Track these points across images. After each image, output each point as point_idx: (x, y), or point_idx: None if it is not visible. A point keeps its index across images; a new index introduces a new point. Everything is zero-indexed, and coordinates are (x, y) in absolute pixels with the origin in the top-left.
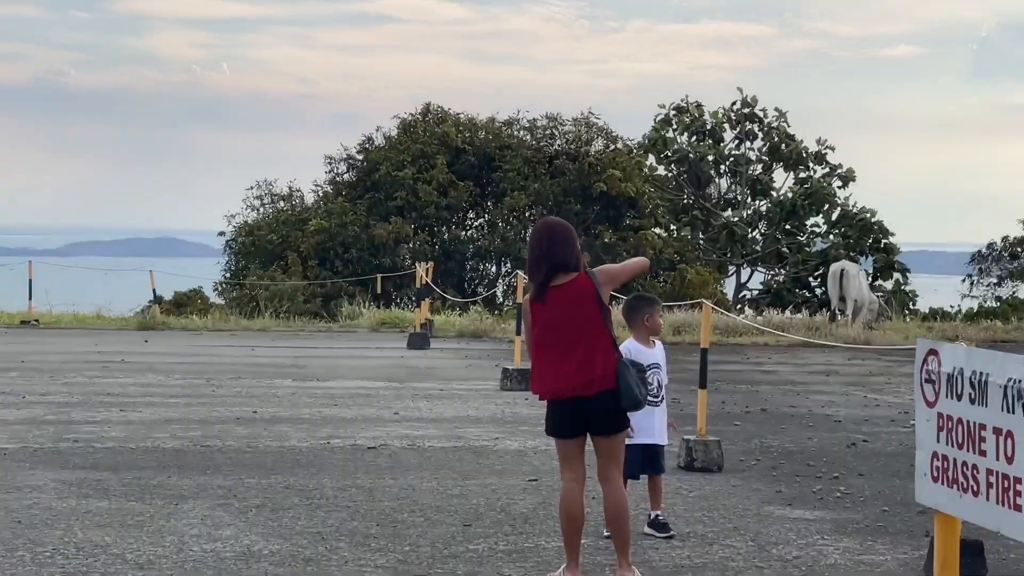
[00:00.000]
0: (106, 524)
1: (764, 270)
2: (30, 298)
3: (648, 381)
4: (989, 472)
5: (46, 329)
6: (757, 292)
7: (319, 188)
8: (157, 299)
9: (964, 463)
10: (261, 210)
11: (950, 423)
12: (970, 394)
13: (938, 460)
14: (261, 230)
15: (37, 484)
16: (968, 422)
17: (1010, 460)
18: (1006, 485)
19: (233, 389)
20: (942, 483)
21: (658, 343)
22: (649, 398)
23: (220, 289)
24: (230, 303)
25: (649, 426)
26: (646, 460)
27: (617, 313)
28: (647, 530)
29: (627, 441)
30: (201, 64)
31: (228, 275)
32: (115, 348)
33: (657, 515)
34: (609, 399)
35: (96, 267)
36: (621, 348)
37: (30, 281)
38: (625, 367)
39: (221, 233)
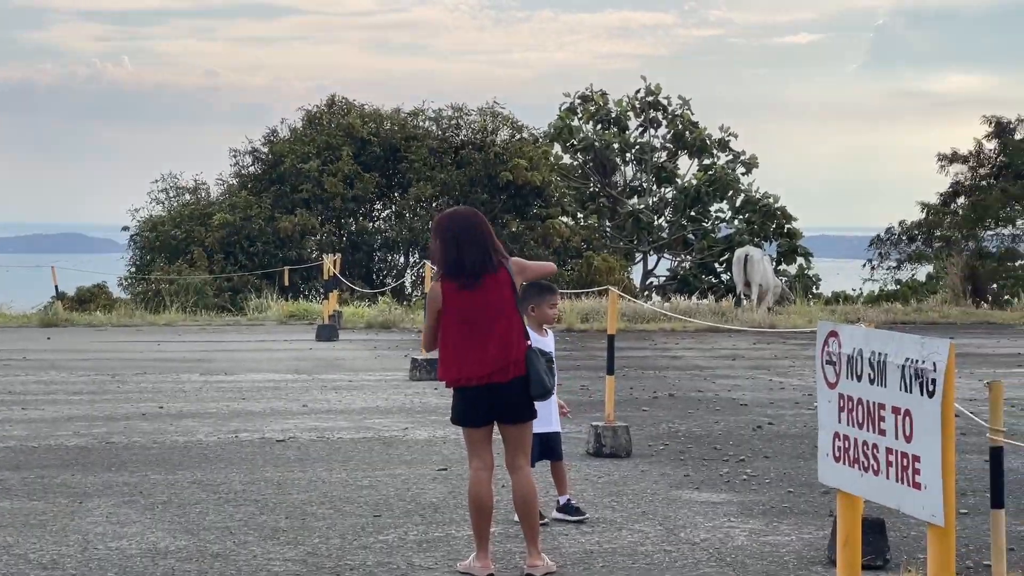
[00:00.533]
0: (8, 524)
1: (670, 257)
2: None
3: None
4: (888, 451)
5: None
6: (664, 279)
7: (224, 181)
8: (60, 295)
9: (864, 443)
10: (166, 204)
11: (851, 403)
12: (869, 374)
13: (839, 440)
14: (165, 224)
15: None
16: (868, 402)
17: (908, 439)
18: (905, 464)
19: (139, 385)
20: (844, 463)
21: (549, 332)
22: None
23: (125, 284)
24: (135, 298)
25: (546, 415)
26: (544, 448)
27: None
28: (557, 515)
29: None
30: (102, 58)
31: (133, 270)
32: (16, 346)
33: (568, 499)
34: (522, 386)
35: None
36: None
37: None
38: (535, 355)
39: (125, 228)
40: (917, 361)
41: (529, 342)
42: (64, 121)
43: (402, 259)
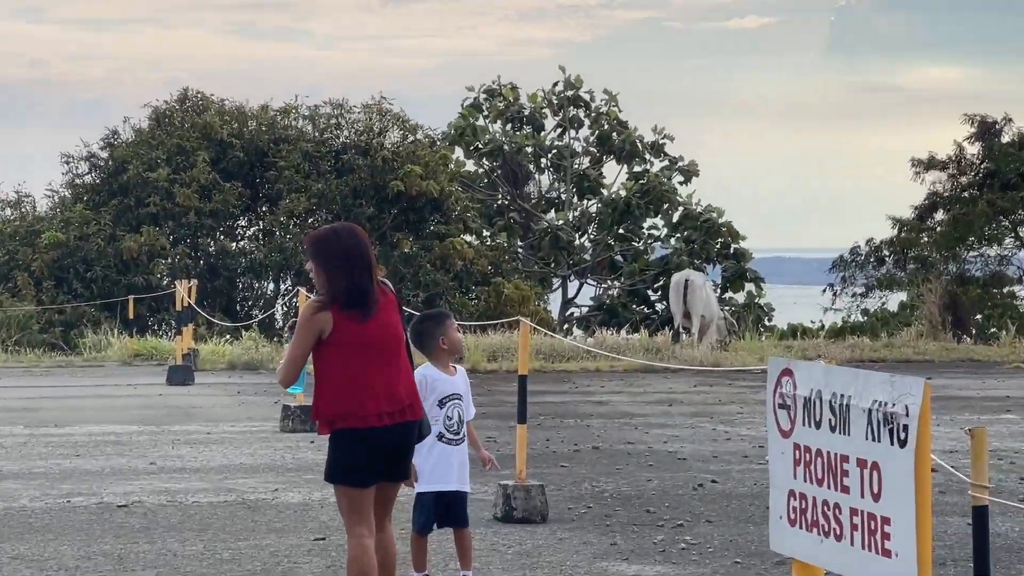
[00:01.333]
0: None
1: (595, 282)
2: None
3: (448, 415)
4: (853, 511)
5: None
6: (587, 308)
7: (54, 193)
8: None
9: (825, 502)
10: None
11: (808, 455)
12: (830, 420)
13: (795, 500)
14: None
15: None
16: (828, 453)
17: (876, 497)
18: (872, 527)
19: None
20: (800, 526)
21: (460, 369)
22: (448, 435)
23: None
24: None
25: (446, 470)
26: (442, 511)
27: None
28: None
29: (417, 488)
30: None
31: None
32: None
33: (470, 575)
34: (412, 432)
35: None
36: (418, 375)
37: None
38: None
39: None
40: (887, 404)
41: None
42: None
43: (271, 286)
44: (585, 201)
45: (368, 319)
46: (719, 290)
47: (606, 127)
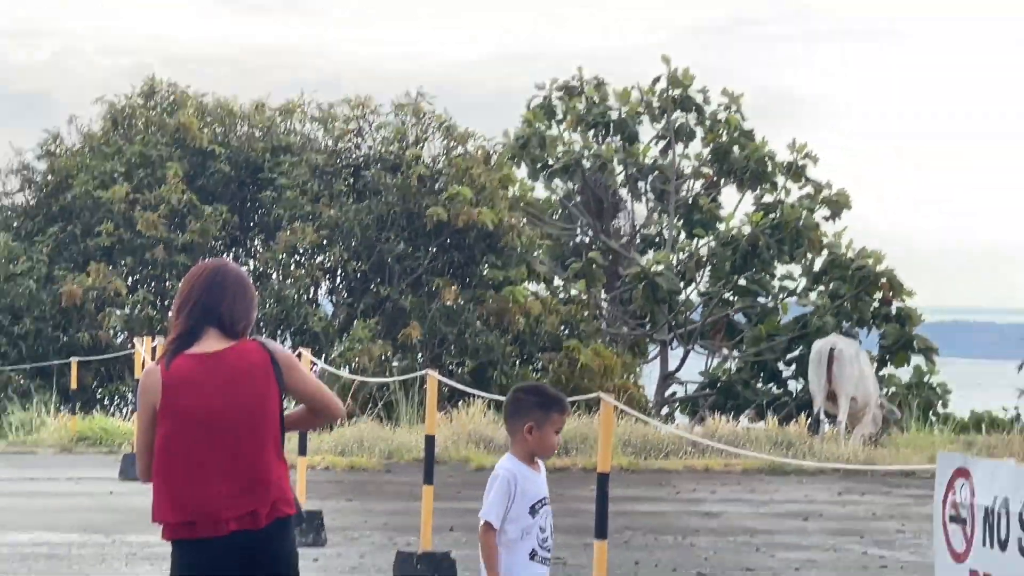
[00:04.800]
0: None
1: (706, 349)
2: None
3: (541, 527)
4: None
5: None
6: (695, 386)
7: None
8: None
9: None
10: None
11: None
12: (1020, 539)
13: None
14: None
15: None
16: None
17: None
18: None
19: None
20: None
21: (542, 466)
22: (542, 553)
23: None
24: None
25: None
26: None
27: None
28: None
29: None
30: None
31: None
32: None
33: None
34: (284, 535)
35: None
36: (499, 469)
37: None
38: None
39: None
40: None
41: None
42: None
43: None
44: (695, 240)
45: (176, 379)
46: (876, 364)
47: (725, 139)
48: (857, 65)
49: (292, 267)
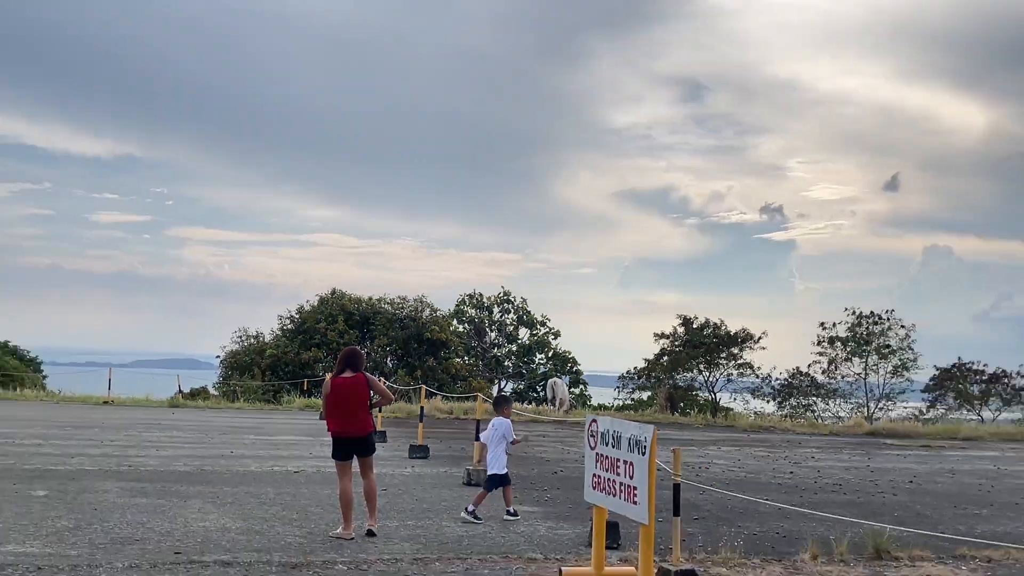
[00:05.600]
0: (145, 511)
1: (513, 381)
2: (109, 389)
3: (514, 437)
4: (621, 484)
5: (117, 406)
6: (509, 394)
7: (274, 332)
8: (180, 391)
9: (609, 479)
10: (240, 343)
11: (602, 458)
12: (612, 442)
13: (596, 478)
14: (239, 355)
15: (105, 488)
16: (611, 457)
17: (631, 477)
18: (629, 491)
19: (222, 439)
20: (598, 490)
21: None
22: (508, 445)
23: (217, 387)
24: (222, 395)
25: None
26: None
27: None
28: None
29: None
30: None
31: (221, 380)
32: (154, 418)
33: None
34: (368, 439)
35: (146, 371)
36: (493, 421)
37: (109, 380)
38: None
39: (217, 356)
40: (637, 437)
41: (372, 418)
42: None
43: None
44: (511, 345)
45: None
46: (568, 386)
47: (521, 314)
48: None
49: (379, 352)
